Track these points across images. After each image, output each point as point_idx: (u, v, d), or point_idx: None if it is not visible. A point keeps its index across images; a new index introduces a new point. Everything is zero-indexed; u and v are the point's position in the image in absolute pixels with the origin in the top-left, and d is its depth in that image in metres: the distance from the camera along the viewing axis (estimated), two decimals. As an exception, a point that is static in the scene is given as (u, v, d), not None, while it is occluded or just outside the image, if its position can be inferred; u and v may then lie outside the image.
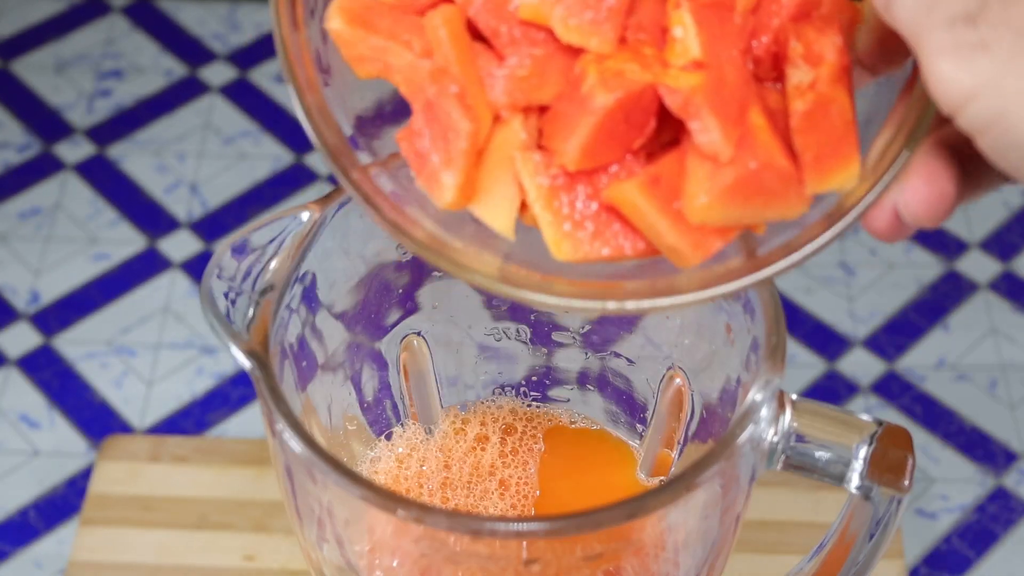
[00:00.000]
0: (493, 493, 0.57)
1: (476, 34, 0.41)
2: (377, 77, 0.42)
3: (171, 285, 0.83)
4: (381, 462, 0.58)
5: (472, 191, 0.41)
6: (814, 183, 0.40)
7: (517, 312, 0.59)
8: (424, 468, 0.58)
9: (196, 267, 0.83)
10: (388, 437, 0.59)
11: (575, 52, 0.40)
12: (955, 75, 0.35)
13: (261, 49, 0.95)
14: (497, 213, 0.41)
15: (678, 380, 0.56)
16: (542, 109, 0.41)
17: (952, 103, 0.36)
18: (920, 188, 0.39)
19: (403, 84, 0.41)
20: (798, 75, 0.40)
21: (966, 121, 0.36)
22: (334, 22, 0.41)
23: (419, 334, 0.58)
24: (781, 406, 0.48)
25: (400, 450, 0.58)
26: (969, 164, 0.40)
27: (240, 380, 0.78)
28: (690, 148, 0.39)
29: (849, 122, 0.40)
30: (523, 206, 0.41)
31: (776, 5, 0.41)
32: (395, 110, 0.44)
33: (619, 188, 0.40)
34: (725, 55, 0.39)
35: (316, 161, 0.89)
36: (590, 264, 0.41)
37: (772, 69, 0.41)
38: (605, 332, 0.59)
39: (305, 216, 0.51)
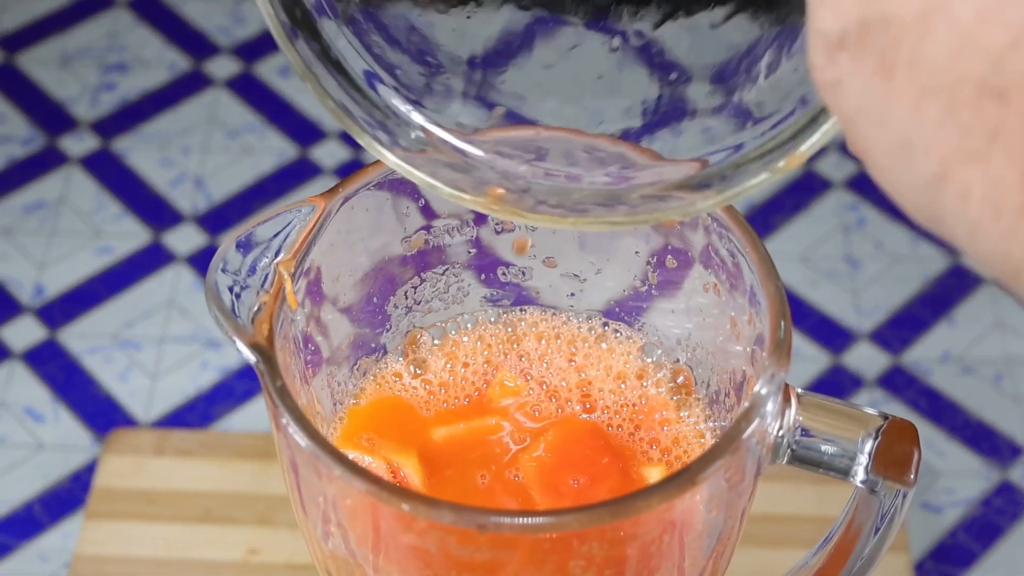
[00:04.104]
0: None
1: None
2: None
3: (176, 279, 0.83)
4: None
5: None
6: None
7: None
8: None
9: (201, 261, 0.83)
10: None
11: None
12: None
13: (266, 43, 0.95)
14: None
15: (682, 375, 0.56)
16: None
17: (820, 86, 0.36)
18: None
19: None
20: None
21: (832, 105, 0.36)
22: None
23: (424, 328, 0.58)
24: (787, 400, 0.48)
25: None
26: None
27: (245, 374, 0.78)
28: None
29: None
30: None
31: None
32: None
33: None
34: None
35: (321, 155, 0.89)
36: None
37: None
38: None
39: (310, 210, 0.51)
